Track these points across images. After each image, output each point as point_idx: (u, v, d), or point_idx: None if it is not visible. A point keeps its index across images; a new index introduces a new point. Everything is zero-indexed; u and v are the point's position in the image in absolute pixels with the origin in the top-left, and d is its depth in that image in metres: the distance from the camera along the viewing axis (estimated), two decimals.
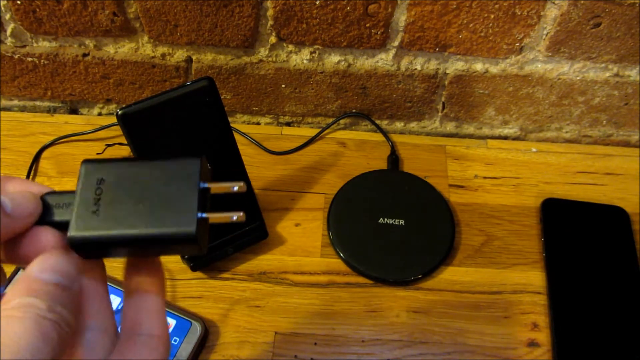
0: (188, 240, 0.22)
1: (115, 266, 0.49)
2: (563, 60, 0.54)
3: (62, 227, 0.22)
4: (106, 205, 0.22)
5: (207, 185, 0.23)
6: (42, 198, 0.23)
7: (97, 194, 0.22)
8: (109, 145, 0.59)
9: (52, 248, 0.22)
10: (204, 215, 0.23)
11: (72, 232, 0.22)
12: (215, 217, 0.24)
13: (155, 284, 0.24)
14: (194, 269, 0.49)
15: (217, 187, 0.24)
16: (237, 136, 0.55)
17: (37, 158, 0.58)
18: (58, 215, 0.23)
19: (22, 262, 0.22)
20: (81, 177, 0.23)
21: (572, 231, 0.53)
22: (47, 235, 0.22)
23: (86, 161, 0.23)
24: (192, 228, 0.22)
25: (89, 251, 0.23)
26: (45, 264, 0.21)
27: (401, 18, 0.51)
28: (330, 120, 0.63)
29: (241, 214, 0.24)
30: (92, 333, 0.22)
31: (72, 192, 0.23)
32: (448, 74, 0.57)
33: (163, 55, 0.56)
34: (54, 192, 0.23)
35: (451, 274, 0.50)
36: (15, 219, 0.21)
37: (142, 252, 0.24)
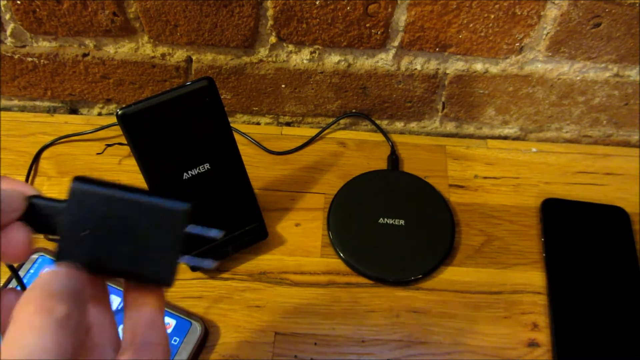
0: (164, 284, 0.24)
1: None
2: (563, 60, 0.54)
3: (41, 232, 0.23)
4: (93, 236, 0.23)
5: (188, 229, 0.24)
6: (29, 200, 0.23)
7: (85, 222, 0.23)
8: (109, 145, 0.59)
9: (22, 246, 0.22)
10: (181, 260, 0.25)
11: (60, 257, 0.23)
12: (189, 260, 0.26)
13: (152, 296, 0.25)
14: (194, 269, 0.49)
15: (197, 231, 0.25)
16: (237, 136, 0.55)
17: (37, 158, 0.58)
18: (42, 221, 0.23)
19: None
20: (71, 196, 0.23)
21: (572, 231, 0.53)
22: (21, 233, 0.22)
23: (77, 180, 0.23)
24: (169, 277, 0.24)
25: None
26: (60, 278, 0.21)
27: (401, 18, 0.51)
28: (330, 120, 0.63)
29: (211, 261, 0.28)
30: (98, 348, 0.23)
31: (57, 202, 0.24)
32: (448, 74, 0.57)
33: (163, 55, 0.56)
34: (39, 196, 0.24)
35: (451, 274, 0.50)
36: (2, 212, 0.22)
37: (119, 278, 0.25)
